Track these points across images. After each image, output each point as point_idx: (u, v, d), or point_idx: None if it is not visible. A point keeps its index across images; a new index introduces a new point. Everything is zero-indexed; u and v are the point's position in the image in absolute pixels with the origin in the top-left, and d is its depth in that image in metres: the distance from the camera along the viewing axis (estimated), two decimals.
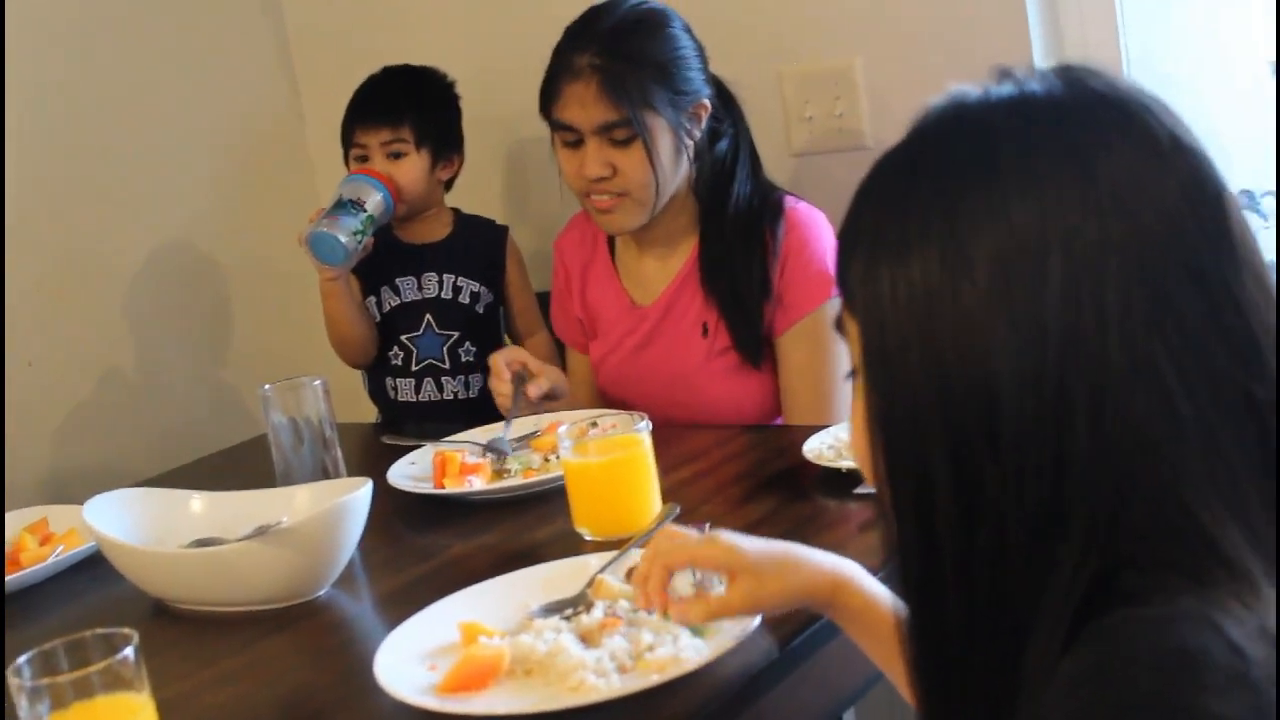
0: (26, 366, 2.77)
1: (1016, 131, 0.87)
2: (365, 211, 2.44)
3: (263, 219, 3.18)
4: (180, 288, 3.04)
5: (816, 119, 2.56)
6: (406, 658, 1.44)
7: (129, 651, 1.29)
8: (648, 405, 1.91)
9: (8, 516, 2.13)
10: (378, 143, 2.56)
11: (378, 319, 2.62)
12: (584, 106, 2.14)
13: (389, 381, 2.64)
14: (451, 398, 2.60)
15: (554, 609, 1.49)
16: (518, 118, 2.89)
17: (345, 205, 2.44)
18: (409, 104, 2.60)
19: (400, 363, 2.63)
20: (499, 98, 2.83)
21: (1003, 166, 0.86)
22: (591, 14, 2.20)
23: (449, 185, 2.67)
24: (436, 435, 2.17)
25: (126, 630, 1.31)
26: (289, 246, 3.14)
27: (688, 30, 2.21)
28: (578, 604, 1.49)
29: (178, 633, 1.71)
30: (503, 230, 2.67)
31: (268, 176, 3.20)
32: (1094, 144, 0.86)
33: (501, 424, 2.14)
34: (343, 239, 2.39)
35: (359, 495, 1.66)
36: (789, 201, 2.23)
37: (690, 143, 2.19)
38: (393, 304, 2.62)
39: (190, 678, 1.56)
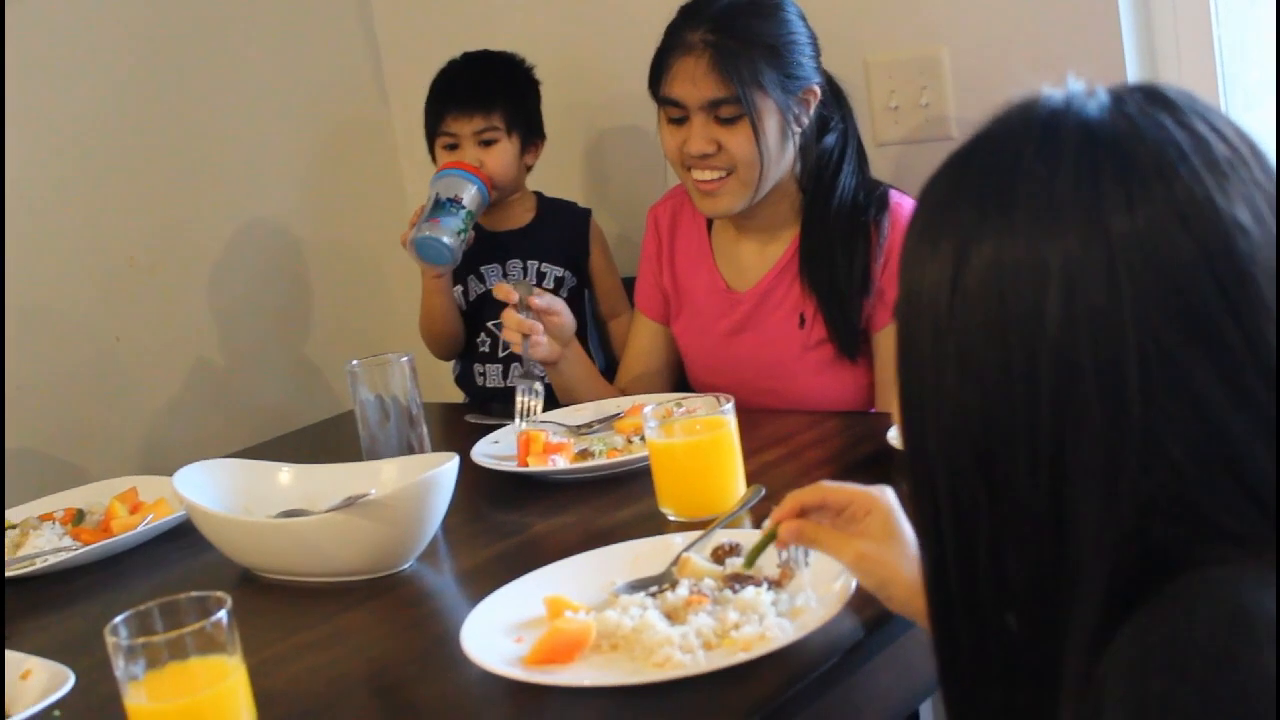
0: (114, 341, 2.82)
1: (1038, 166, 0.87)
2: (464, 208, 2.44)
3: (347, 202, 3.21)
4: (266, 268, 3.08)
5: (902, 109, 2.55)
6: (493, 630, 1.45)
7: (222, 615, 1.31)
8: (738, 390, 1.90)
9: (98, 486, 2.16)
10: (470, 130, 2.56)
11: (464, 307, 2.64)
12: (693, 82, 2.13)
13: (476, 368, 2.66)
14: None
15: (639, 585, 1.49)
16: (597, 102, 2.92)
17: (444, 205, 2.44)
18: (499, 90, 2.60)
19: (487, 349, 2.65)
20: (578, 82, 2.84)
21: (1021, 200, 0.86)
22: None
23: (531, 170, 2.68)
24: (507, 416, 2.18)
25: (220, 594, 1.34)
26: (372, 229, 3.18)
27: (802, 17, 2.19)
28: (663, 581, 1.49)
29: (264, 601, 1.73)
30: (585, 214, 2.67)
31: (352, 160, 3.23)
32: (1113, 195, 0.85)
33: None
34: (447, 240, 2.40)
35: (445, 470, 1.67)
36: (894, 196, 2.21)
37: (797, 130, 2.17)
38: (479, 291, 2.64)
39: (276, 645, 1.58)
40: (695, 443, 1.72)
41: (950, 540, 0.91)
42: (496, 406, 2.48)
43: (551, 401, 2.29)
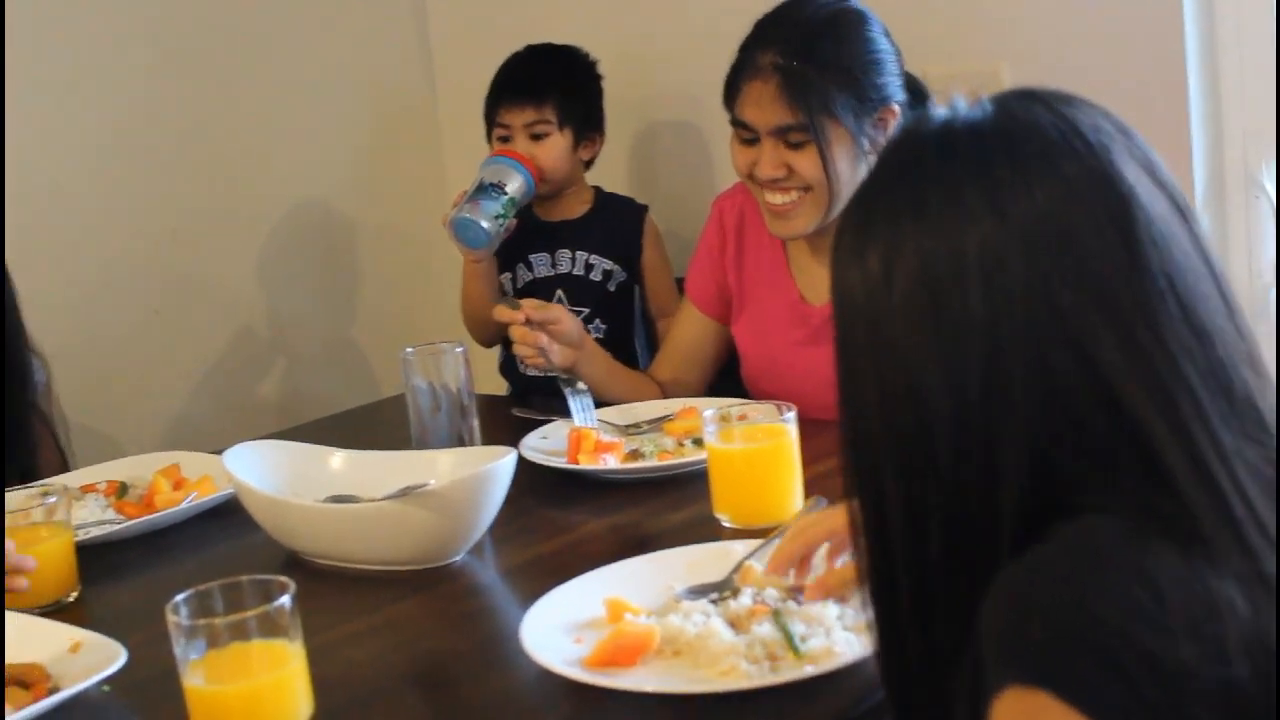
0: (153, 314, 2.80)
1: (938, 168, 0.94)
2: (506, 195, 2.43)
3: (393, 187, 3.20)
4: (310, 249, 3.07)
5: None
6: (551, 629, 1.43)
7: (286, 600, 1.30)
8: (798, 400, 1.88)
9: (140, 459, 2.15)
10: (521, 123, 2.55)
11: (511, 294, 2.62)
12: (761, 107, 2.07)
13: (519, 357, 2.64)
14: None
15: (700, 591, 1.48)
16: (656, 99, 2.90)
17: (487, 189, 2.43)
18: (552, 84, 2.59)
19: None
20: (637, 78, 2.82)
21: (929, 201, 0.93)
22: (783, 10, 2.12)
23: (589, 164, 2.66)
24: (566, 412, 2.16)
25: (283, 579, 1.32)
26: (418, 215, 3.16)
27: (885, 33, 2.12)
28: (724, 589, 1.48)
29: (312, 587, 1.68)
30: (641, 209, 2.66)
31: (399, 146, 3.22)
32: (1009, 180, 0.91)
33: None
34: (485, 224, 2.39)
35: (504, 464, 1.65)
36: None
37: (872, 153, 2.11)
38: (526, 279, 2.62)
39: (327, 632, 1.55)
40: (758, 450, 1.71)
41: (894, 520, 0.95)
42: (538, 399, 2.47)
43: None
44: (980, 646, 0.87)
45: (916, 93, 2.21)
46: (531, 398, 2.54)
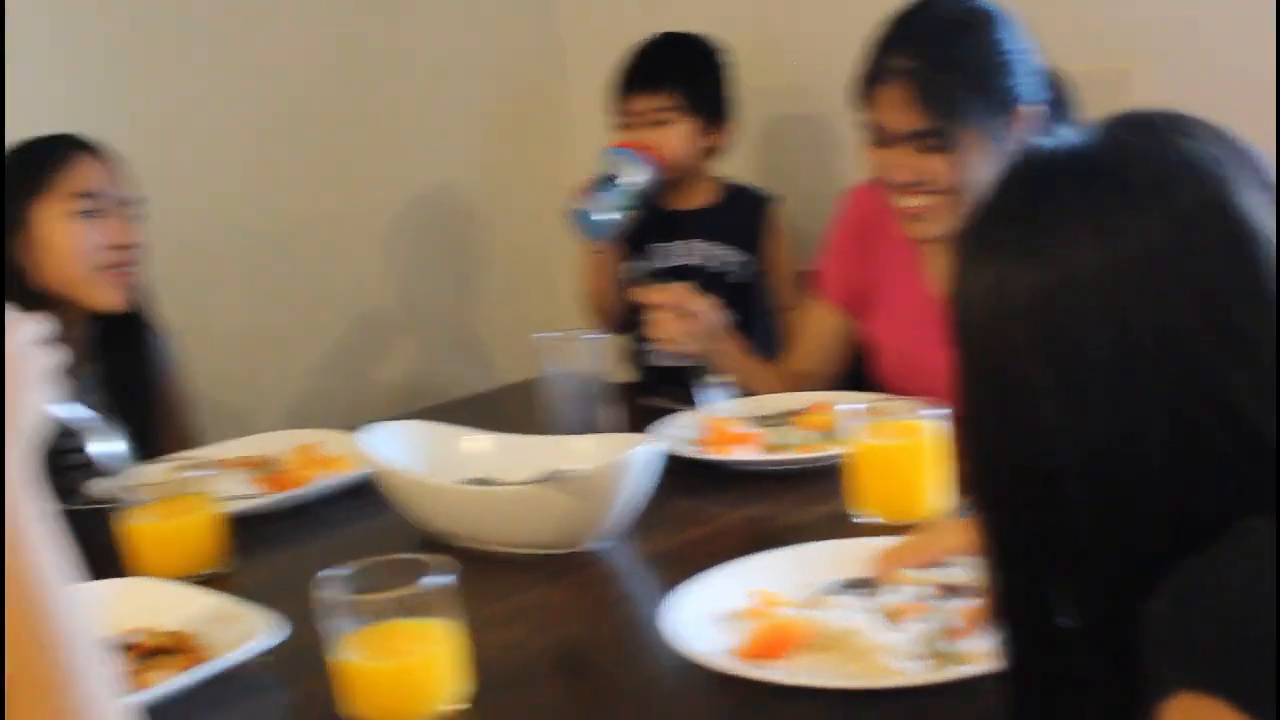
0: (282, 293, 2.83)
1: (1048, 194, 0.93)
2: (626, 187, 2.43)
3: (520, 173, 3.21)
4: (438, 234, 3.09)
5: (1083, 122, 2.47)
6: (696, 619, 1.43)
7: (443, 579, 1.31)
8: (939, 396, 1.86)
9: (276, 436, 2.17)
10: (643, 111, 2.55)
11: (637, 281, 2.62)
12: (892, 112, 2.03)
13: (644, 345, 2.64)
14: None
15: (848, 586, 1.46)
16: (788, 90, 2.88)
17: (608, 181, 2.44)
18: (677, 72, 2.58)
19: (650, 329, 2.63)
20: (769, 69, 2.81)
21: (1036, 232, 0.91)
22: (911, 11, 2.07)
23: (716, 153, 2.65)
24: (695, 400, 2.15)
25: (437, 559, 1.33)
26: (543, 202, 3.17)
27: (1017, 32, 2.06)
28: (872, 584, 1.46)
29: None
30: (768, 200, 2.64)
31: (527, 133, 3.23)
32: (1120, 213, 0.89)
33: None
34: (604, 216, 2.39)
35: (650, 451, 1.65)
36: None
37: (1007, 153, 2.03)
38: (649, 269, 2.62)
39: (469, 613, 1.55)
40: (902, 446, 1.69)
41: (1020, 552, 0.95)
42: (661, 387, 2.47)
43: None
44: (1147, 656, 0.85)
45: (1057, 90, 2.16)
46: (655, 386, 2.54)
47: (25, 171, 2.17)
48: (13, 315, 1.03)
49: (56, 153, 2.18)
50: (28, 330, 1.04)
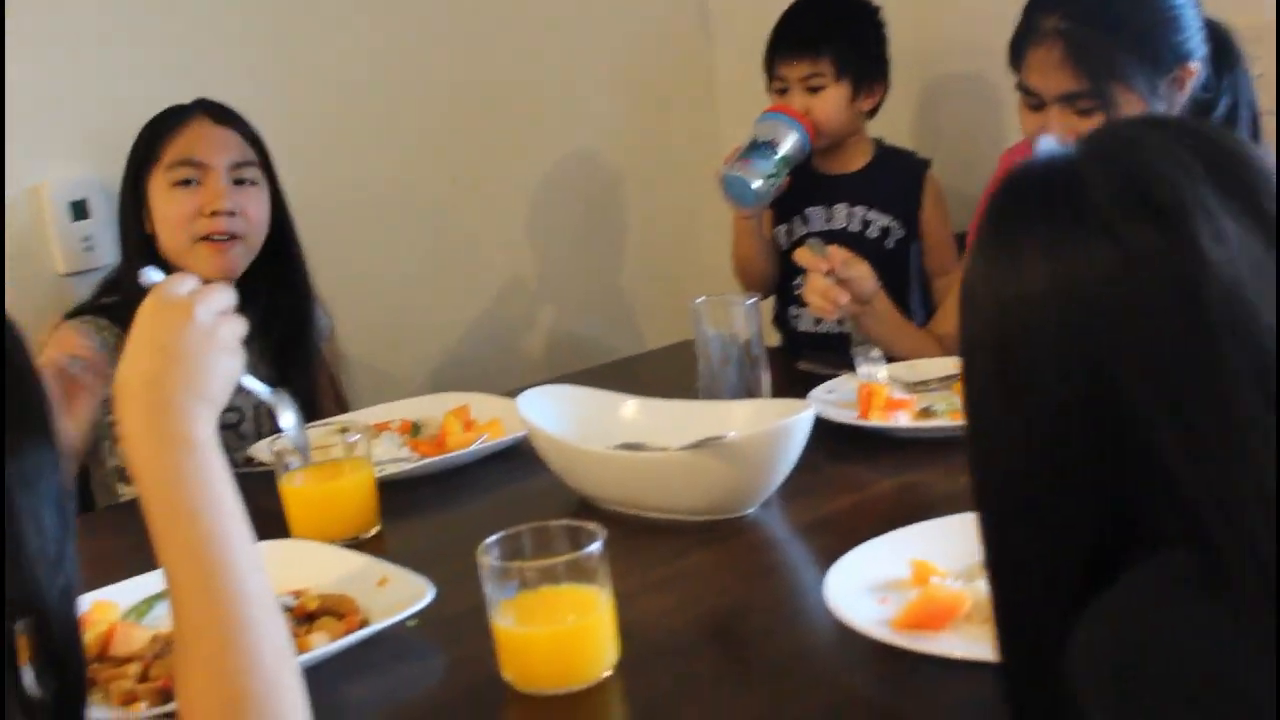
0: (432, 256, 2.85)
1: (1013, 208, 0.93)
2: (779, 154, 2.39)
3: (666, 138, 3.19)
4: (580, 197, 3.08)
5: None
6: (855, 588, 1.40)
7: (597, 547, 1.30)
8: None
9: (429, 399, 2.19)
10: (796, 76, 2.50)
11: (785, 247, 2.59)
12: (1045, 74, 1.98)
13: (791, 310, 2.62)
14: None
15: None
16: (943, 50, 2.82)
17: (760, 147, 2.40)
18: (829, 35, 2.52)
19: (803, 293, 2.60)
20: (924, 28, 2.75)
21: (998, 247, 0.92)
22: None
23: (871, 114, 2.60)
24: (848, 366, 2.12)
25: (593, 525, 1.33)
26: (688, 167, 3.15)
27: None
28: None
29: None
30: (923, 164, 2.59)
31: (674, 95, 3.20)
32: (1070, 240, 0.88)
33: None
34: (755, 183, 2.36)
35: (803, 418, 1.63)
36: None
37: (1171, 112, 1.97)
38: (801, 233, 2.59)
39: (621, 580, 1.54)
40: None
41: (991, 547, 0.95)
42: (809, 352, 2.44)
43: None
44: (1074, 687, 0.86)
45: (1222, 44, 2.06)
46: (805, 351, 2.51)
47: (143, 141, 2.20)
48: (203, 286, 1.08)
49: (168, 121, 2.20)
50: (217, 300, 1.09)
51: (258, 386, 1.46)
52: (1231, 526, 0.82)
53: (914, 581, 1.40)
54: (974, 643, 1.29)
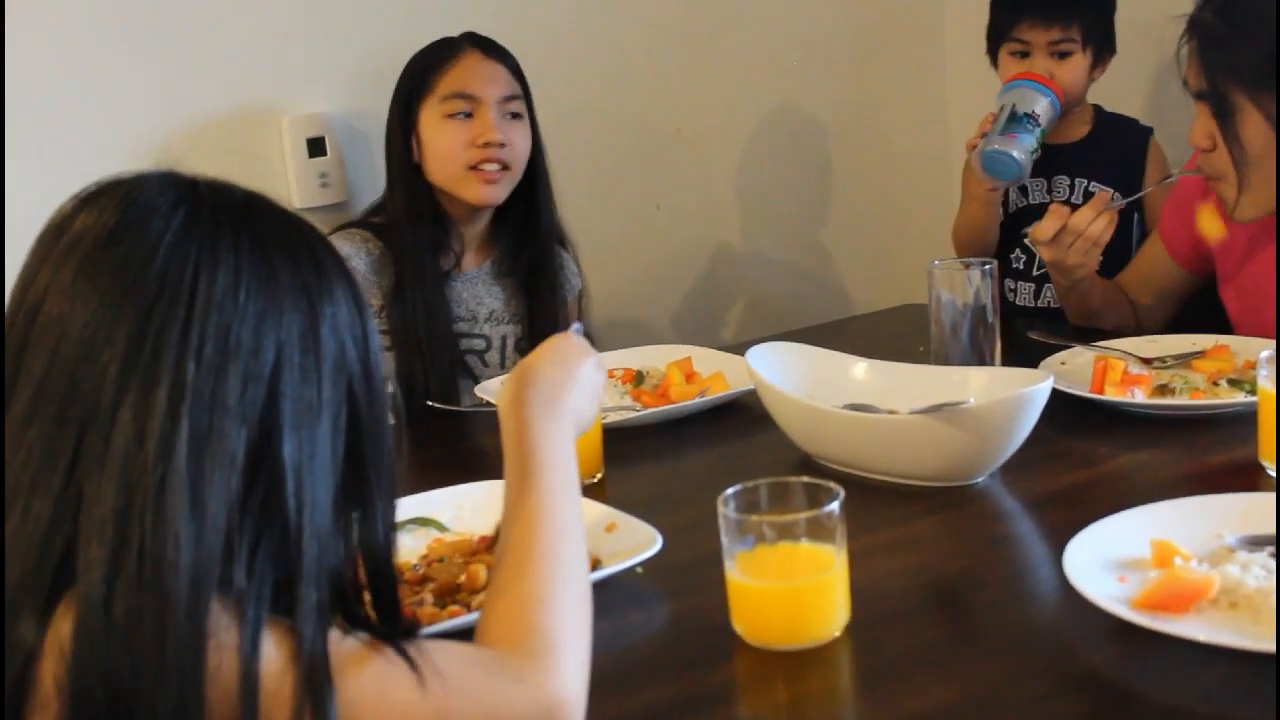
0: (655, 209, 2.86)
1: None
2: (1040, 125, 2.33)
3: (889, 100, 3.15)
4: (793, 153, 3.06)
5: None
6: (1093, 564, 1.37)
7: (835, 506, 1.29)
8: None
9: (652, 350, 2.20)
10: (1045, 40, 2.43)
11: (1002, 219, 2.54)
12: (1189, 68, 1.92)
13: (1008, 284, 2.57)
14: None
15: (1258, 543, 1.38)
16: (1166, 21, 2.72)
17: (1021, 120, 2.32)
18: (1082, 2, 2.46)
19: (1021, 266, 2.55)
20: None
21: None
22: None
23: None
24: (1074, 338, 2.08)
25: (833, 484, 1.31)
26: (906, 128, 3.10)
27: None
28: None
29: None
30: (1146, 132, 2.51)
31: (898, 53, 3.16)
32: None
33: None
34: (1019, 156, 2.29)
35: (1042, 388, 1.59)
36: None
37: None
38: (1019, 205, 2.53)
39: (852, 540, 1.54)
40: None
41: None
42: (1037, 323, 2.39)
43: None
44: None
45: None
46: (1015, 320, 2.46)
47: (414, 73, 2.27)
48: (585, 346, 1.40)
49: (440, 54, 2.28)
50: (593, 357, 1.39)
51: None
52: None
53: (1155, 562, 1.36)
54: (1219, 628, 1.25)
